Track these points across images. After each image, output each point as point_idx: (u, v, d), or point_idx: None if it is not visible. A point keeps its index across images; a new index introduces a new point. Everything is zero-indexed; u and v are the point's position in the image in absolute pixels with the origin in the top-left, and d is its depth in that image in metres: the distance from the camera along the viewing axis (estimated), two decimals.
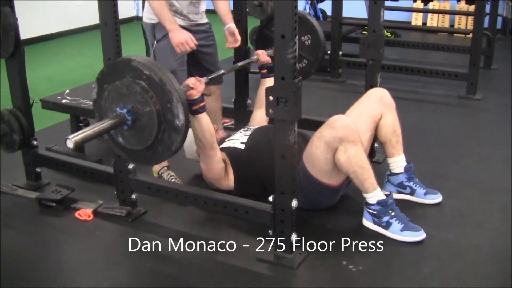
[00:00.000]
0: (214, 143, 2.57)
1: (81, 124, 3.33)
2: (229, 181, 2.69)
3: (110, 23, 2.39)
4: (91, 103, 3.20)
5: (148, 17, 3.00)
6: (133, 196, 2.67)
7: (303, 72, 3.20)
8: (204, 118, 2.47)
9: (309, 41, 3.14)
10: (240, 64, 2.97)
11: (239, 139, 2.79)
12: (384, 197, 2.45)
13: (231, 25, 3.09)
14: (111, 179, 2.67)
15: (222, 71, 2.80)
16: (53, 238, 2.57)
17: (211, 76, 2.66)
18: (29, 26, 5.73)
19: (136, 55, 2.19)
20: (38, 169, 2.99)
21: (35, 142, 2.91)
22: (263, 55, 3.04)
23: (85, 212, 2.67)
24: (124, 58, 2.18)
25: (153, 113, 2.07)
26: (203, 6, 3.09)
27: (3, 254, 2.39)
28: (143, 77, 2.08)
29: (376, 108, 2.70)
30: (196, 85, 2.39)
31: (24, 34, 2.78)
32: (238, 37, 3.10)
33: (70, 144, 1.94)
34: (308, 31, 3.14)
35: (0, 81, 3.16)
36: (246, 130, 2.91)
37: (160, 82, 2.05)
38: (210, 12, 3.16)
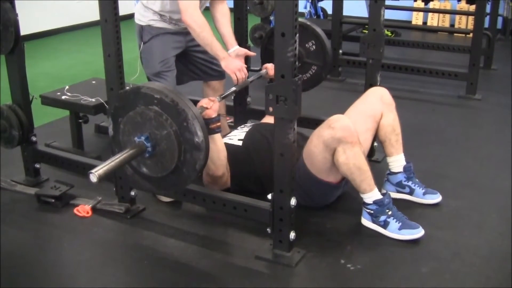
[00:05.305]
0: (226, 164, 2.57)
1: (81, 121, 3.33)
2: (227, 179, 2.68)
3: (111, 20, 2.39)
4: (90, 99, 3.22)
5: (138, 18, 3.00)
6: (132, 193, 2.67)
7: (314, 78, 3.18)
8: (219, 138, 2.50)
9: (313, 47, 3.11)
10: (251, 79, 2.93)
11: (236, 136, 2.79)
12: (381, 197, 2.45)
13: (238, 47, 3.04)
14: (110, 175, 2.67)
15: (234, 89, 2.77)
16: (51, 234, 2.57)
17: (224, 95, 2.66)
18: (29, 22, 5.72)
19: (144, 82, 2.19)
20: (37, 165, 2.99)
21: (34, 138, 2.91)
22: (272, 69, 3.02)
23: (83, 209, 2.67)
24: (132, 87, 2.17)
25: (171, 135, 2.05)
26: None
27: (1, 250, 2.39)
28: (154, 101, 2.07)
29: (376, 107, 2.70)
30: (210, 104, 2.40)
31: (24, 30, 2.77)
32: (249, 55, 3.08)
33: (93, 178, 1.94)
34: (310, 36, 3.10)
35: (0, 77, 3.15)
36: (243, 127, 2.91)
37: (172, 103, 2.04)
38: (207, 11, 3.15)
